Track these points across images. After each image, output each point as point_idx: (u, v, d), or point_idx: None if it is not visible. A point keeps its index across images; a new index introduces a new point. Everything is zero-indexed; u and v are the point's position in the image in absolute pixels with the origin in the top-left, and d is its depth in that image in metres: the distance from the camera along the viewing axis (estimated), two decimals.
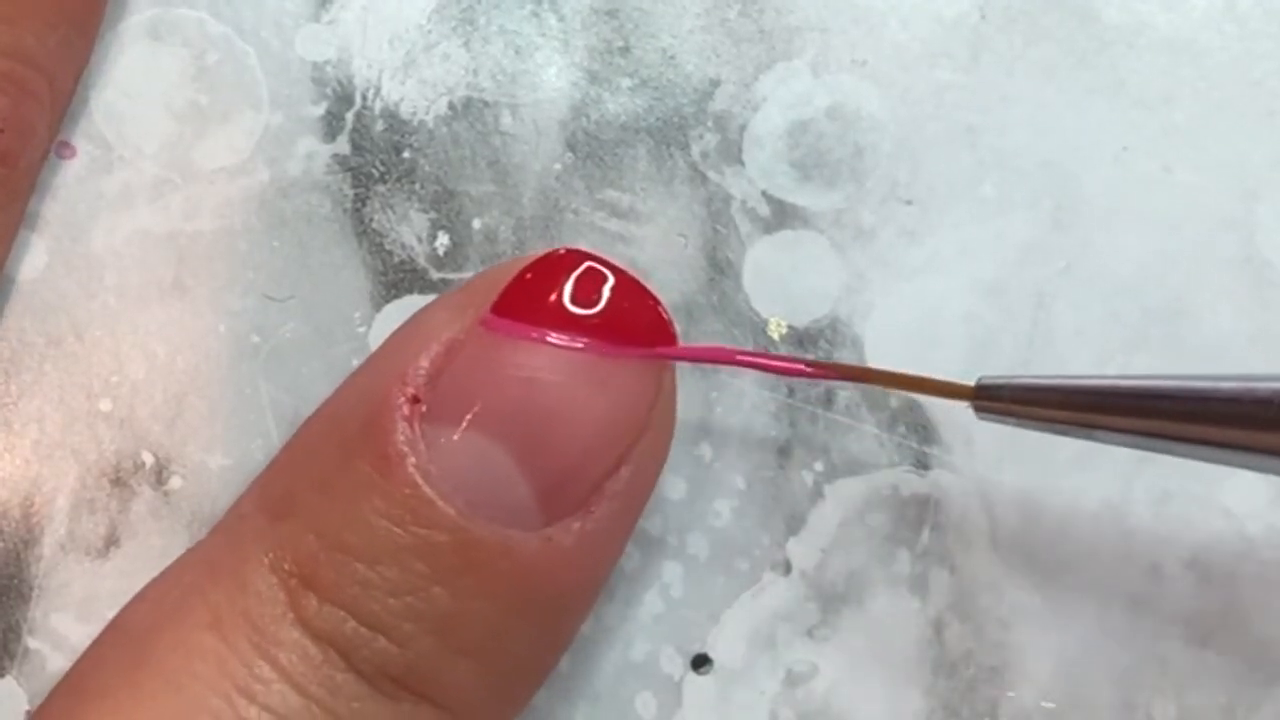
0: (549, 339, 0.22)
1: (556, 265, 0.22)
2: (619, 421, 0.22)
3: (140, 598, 0.23)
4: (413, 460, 0.21)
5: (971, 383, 0.22)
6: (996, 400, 0.21)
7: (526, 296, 0.22)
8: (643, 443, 0.22)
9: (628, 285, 0.22)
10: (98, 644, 0.23)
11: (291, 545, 0.22)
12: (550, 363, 0.22)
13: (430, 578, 0.21)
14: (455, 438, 0.21)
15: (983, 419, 0.22)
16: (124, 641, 0.22)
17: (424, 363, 0.22)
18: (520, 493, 0.22)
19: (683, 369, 0.24)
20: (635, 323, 0.22)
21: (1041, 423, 0.21)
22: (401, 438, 0.21)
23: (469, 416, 0.21)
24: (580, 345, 0.22)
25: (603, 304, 0.22)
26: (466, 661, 0.22)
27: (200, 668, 0.21)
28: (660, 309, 0.22)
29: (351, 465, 0.21)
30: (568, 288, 0.22)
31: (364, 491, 0.21)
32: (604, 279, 0.22)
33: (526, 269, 0.22)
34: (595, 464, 0.22)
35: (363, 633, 0.21)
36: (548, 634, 0.23)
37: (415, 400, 0.21)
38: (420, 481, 0.21)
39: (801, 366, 0.23)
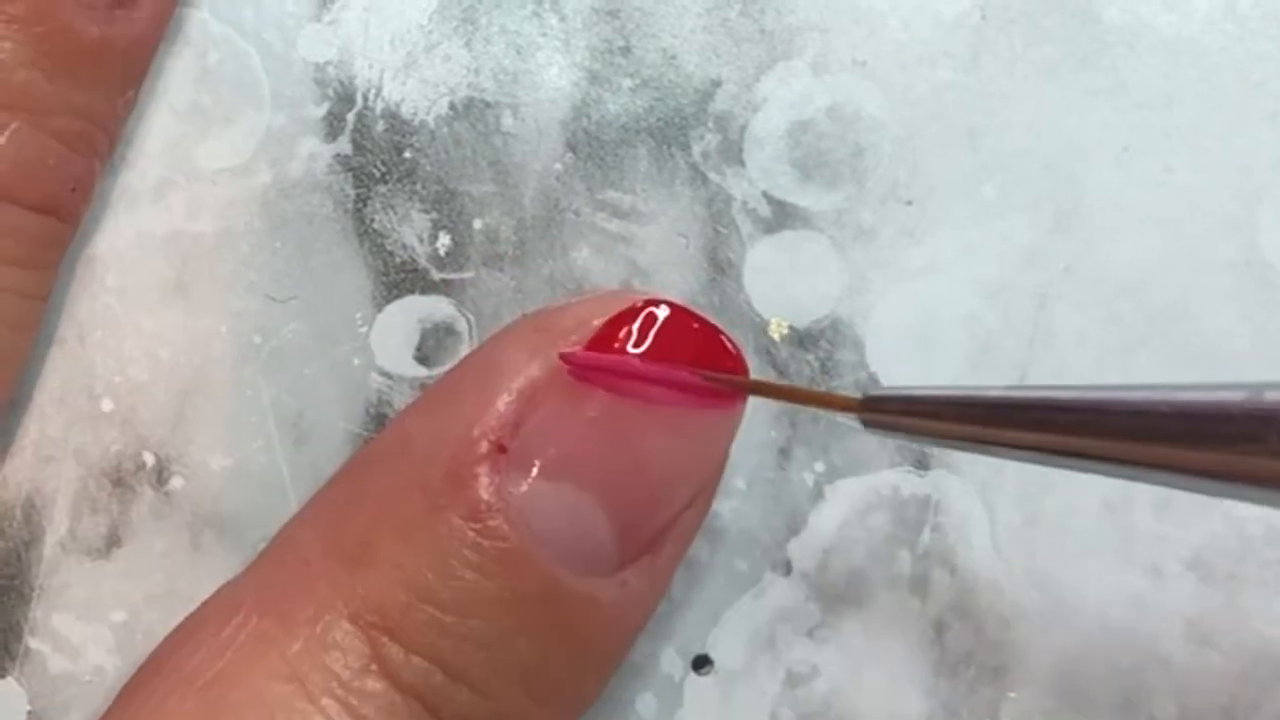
0: (633, 387, 0.22)
1: (636, 313, 0.22)
2: (700, 467, 0.22)
3: (189, 639, 0.22)
4: (504, 512, 0.21)
5: (859, 395, 0.20)
6: (883, 413, 0.20)
7: (609, 343, 0.22)
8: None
9: (709, 334, 0.22)
10: (151, 690, 0.22)
11: (375, 596, 0.21)
12: (635, 411, 0.22)
13: (517, 630, 0.21)
14: (541, 487, 0.21)
15: (872, 432, 0.21)
16: (187, 691, 0.22)
17: (505, 408, 0.21)
18: (602, 538, 0.21)
19: None
20: (716, 370, 0.22)
21: (932, 437, 0.20)
22: (492, 488, 0.21)
23: (555, 465, 0.21)
24: (664, 393, 0.22)
25: (684, 352, 0.22)
26: (544, 709, 0.22)
27: None
28: (740, 358, 0.22)
29: (438, 515, 0.21)
30: (651, 335, 0.22)
31: (452, 543, 0.21)
32: (689, 327, 0.22)
33: (614, 318, 0.22)
34: (672, 508, 0.22)
35: (449, 685, 0.21)
36: (608, 671, 0.23)
37: (501, 449, 0.21)
38: (512, 533, 0.21)
39: (699, 380, 0.22)
